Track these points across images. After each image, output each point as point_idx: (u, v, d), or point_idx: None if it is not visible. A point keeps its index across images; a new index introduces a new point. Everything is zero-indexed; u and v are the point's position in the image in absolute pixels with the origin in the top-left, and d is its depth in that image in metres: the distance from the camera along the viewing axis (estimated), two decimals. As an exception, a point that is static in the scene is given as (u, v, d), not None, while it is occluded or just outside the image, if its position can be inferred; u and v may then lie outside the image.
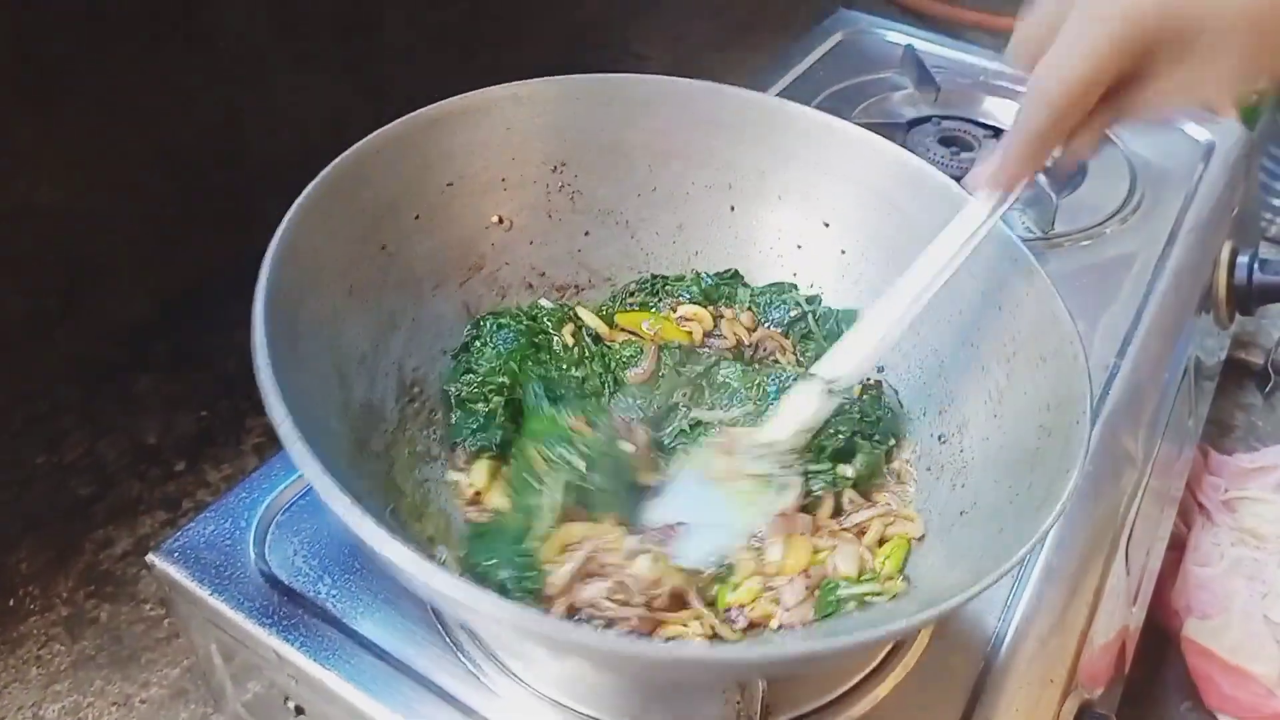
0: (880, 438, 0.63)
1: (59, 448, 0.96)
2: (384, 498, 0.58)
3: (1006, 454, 0.58)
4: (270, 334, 0.49)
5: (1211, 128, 1.09)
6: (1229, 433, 1.19)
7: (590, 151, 0.70)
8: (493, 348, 0.65)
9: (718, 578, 0.58)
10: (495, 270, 0.69)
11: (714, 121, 0.71)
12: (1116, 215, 0.96)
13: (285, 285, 0.52)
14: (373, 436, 0.60)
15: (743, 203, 0.72)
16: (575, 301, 0.71)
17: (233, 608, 0.60)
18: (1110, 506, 0.75)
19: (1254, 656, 0.88)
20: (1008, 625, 0.64)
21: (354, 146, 0.60)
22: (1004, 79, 1.12)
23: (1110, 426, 0.77)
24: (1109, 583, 0.72)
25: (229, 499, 0.66)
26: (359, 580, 0.62)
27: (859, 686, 0.60)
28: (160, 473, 0.96)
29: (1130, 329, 0.85)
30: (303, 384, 0.52)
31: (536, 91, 0.67)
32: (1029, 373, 0.59)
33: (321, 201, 0.57)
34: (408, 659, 0.59)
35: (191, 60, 0.93)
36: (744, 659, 0.47)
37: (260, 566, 0.63)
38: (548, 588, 0.54)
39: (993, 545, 0.52)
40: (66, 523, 0.91)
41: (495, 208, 0.69)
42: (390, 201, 0.63)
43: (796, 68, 1.13)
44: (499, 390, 0.63)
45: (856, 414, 0.63)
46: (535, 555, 0.55)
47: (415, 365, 0.64)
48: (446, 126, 0.65)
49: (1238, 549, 0.96)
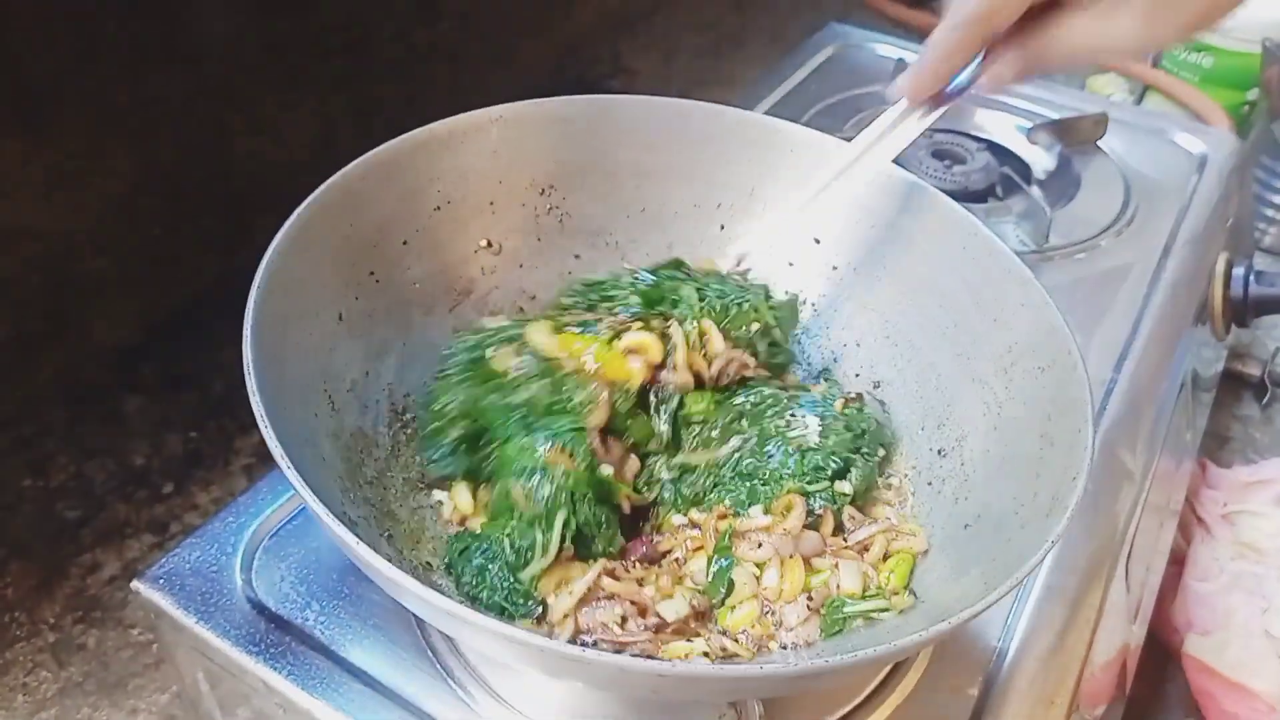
0: (869, 450, 0.63)
1: (46, 471, 0.95)
2: (380, 524, 0.57)
3: (1008, 465, 0.58)
4: (259, 362, 0.48)
5: (1205, 139, 1.09)
6: (1226, 445, 1.19)
7: (578, 173, 0.70)
8: (445, 377, 0.62)
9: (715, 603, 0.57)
10: (485, 294, 0.69)
11: (701, 140, 0.70)
12: (1111, 228, 0.96)
13: (273, 313, 0.52)
14: (365, 462, 0.59)
15: (732, 221, 0.72)
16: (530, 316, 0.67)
17: (219, 635, 0.59)
18: (1110, 522, 0.74)
19: (1255, 673, 0.87)
20: (1008, 645, 0.63)
21: (340, 172, 0.60)
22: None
23: (1108, 440, 0.77)
24: (1109, 600, 0.72)
25: (215, 524, 0.65)
26: (347, 606, 0.61)
27: (859, 709, 0.59)
28: (148, 495, 0.95)
29: (1127, 342, 0.84)
30: (293, 411, 0.52)
31: (523, 113, 0.67)
32: (1028, 383, 0.59)
33: (308, 228, 0.57)
34: (396, 686, 0.58)
35: (179, 79, 0.93)
36: (753, 676, 0.46)
37: (247, 593, 0.62)
38: (551, 613, 0.54)
39: (1001, 556, 0.51)
40: (53, 547, 0.90)
41: (484, 231, 0.68)
42: (378, 227, 0.62)
43: (788, 82, 1.13)
44: (456, 419, 0.61)
45: (845, 430, 0.62)
46: (531, 587, 0.55)
47: (406, 392, 0.64)
48: (433, 150, 0.65)
49: (1237, 564, 0.95)
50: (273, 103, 1.02)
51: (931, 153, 1.00)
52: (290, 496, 0.66)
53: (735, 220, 0.72)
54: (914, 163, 0.98)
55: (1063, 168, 1.01)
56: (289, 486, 0.66)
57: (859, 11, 1.59)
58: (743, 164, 0.71)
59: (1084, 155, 1.04)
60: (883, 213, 0.68)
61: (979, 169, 0.98)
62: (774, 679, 0.45)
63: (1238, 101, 1.35)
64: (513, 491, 0.57)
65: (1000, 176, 0.98)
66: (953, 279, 0.65)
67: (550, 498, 0.56)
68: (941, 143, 1.02)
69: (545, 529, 0.55)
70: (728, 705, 0.56)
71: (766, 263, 0.72)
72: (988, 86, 0.57)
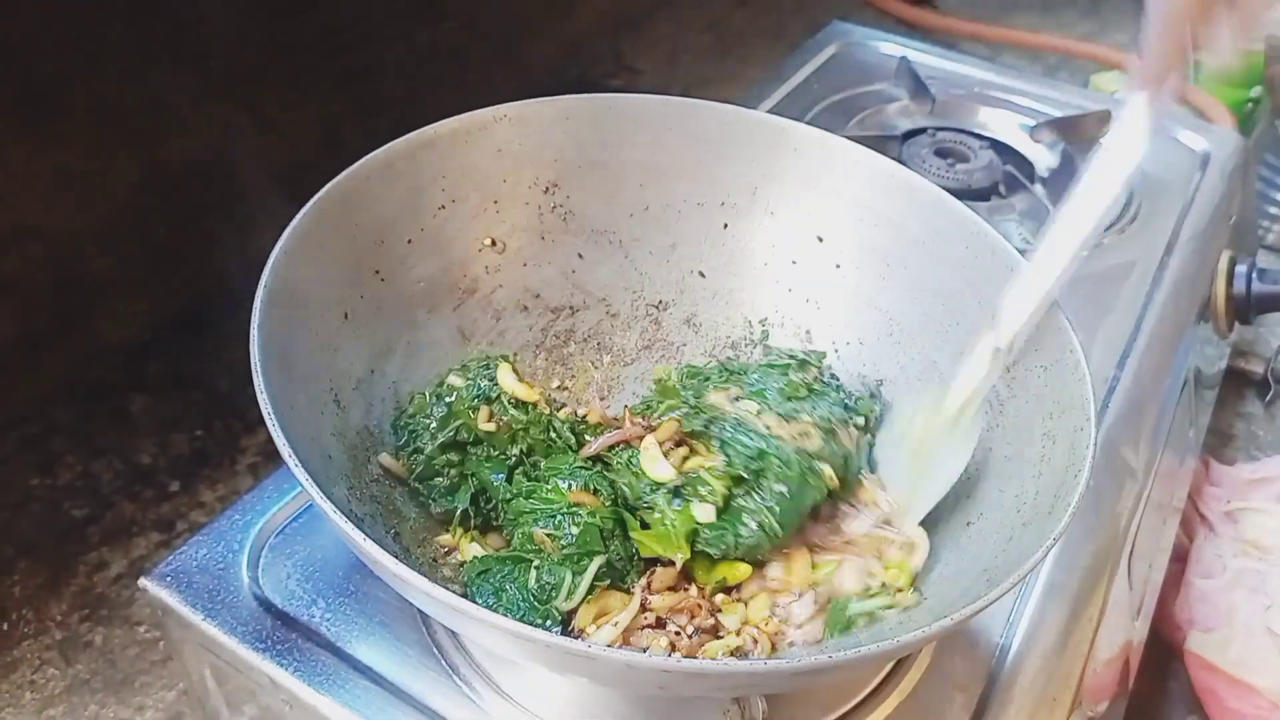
0: (841, 418, 0.62)
1: (53, 470, 0.95)
2: (385, 521, 0.57)
3: (1011, 464, 0.58)
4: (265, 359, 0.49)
5: (1208, 136, 1.09)
6: (1229, 443, 1.19)
7: (581, 171, 0.70)
8: (429, 432, 0.61)
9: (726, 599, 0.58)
10: (489, 293, 0.69)
11: (704, 138, 0.70)
12: (1114, 225, 0.95)
13: (279, 311, 0.52)
14: (371, 460, 0.60)
15: (736, 220, 0.72)
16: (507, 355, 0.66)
17: (226, 632, 0.60)
18: (1112, 519, 0.74)
19: (1257, 670, 0.87)
20: (1011, 642, 0.64)
21: (345, 172, 0.60)
22: (998, 89, 1.12)
23: (1111, 438, 0.77)
24: (1112, 597, 0.72)
25: (222, 521, 0.66)
26: (353, 603, 0.62)
27: (862, 705, 0.59)
28: (154, 494, 0.95)
29: (1129, 339, 0.84)
30: (299, 408, 0.52)
31: (526, 112, 0.67)
32: (1030, 381, 0.59)
33: (314, 228, 0.57)
34: (403, 683, 0.58)
35: (184, 80, 0.93)
36: (757, 671, 0.46)
37: (254, 590, 0.62)
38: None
39: (1004, 553, 0.52)
40: (60, 545, 0.91)
41: (488, 230, 0.69)
42: (383, 226, 0.63)
43: (791, 80, 1.13)
44: (450, 465, 0.61)
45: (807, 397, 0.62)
46: (559, 613, 0.55)
47: (411, 390, 0.64)
48: (437, 150, 0.65)
49: (1240, 561, 0.95)
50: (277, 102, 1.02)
51: (935, 151, 1.00)
52: (296, 494, 0.67)
53: (739, 219, 0.72)
54: (917, 161, 0.98)
55: (1066, 166, 1.01)
56: (295, 485, 0.67)
57: (862, 10, 1.59)
58: (746, 163, 0.71)
59: (1087, 153, 1.04)
60: (886, 211, 0.68)
61: (982, 167, 0.98)
62: (778, 674, 0.45)
63: (1241, 99, 1.35)
64: (535, 536, 0.56)
65: (1003, 174, 0.98)
66: (955, 277, 0.65)
67: (580, 538, 0.55)
68: (944, 141, 1.02)
69: (576, 570, 0.55)
70: (731, 702, 0.56)
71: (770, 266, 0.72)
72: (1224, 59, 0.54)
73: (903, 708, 0.59)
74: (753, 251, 0.73)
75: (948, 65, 1.17)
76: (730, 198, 0.72)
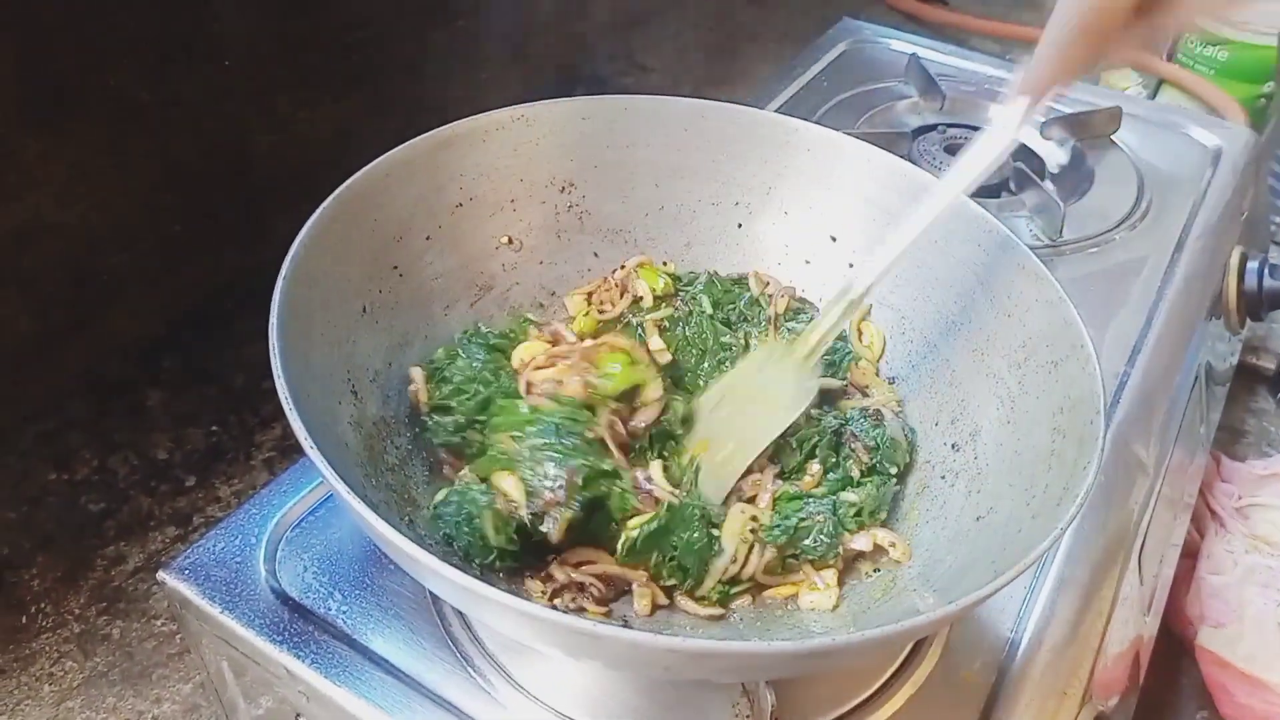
0: (883, 466, 0.63)
1: (70, 464, 0.96)
2: (400, 510, 0.58)
3: (1021, 458, 0.58)
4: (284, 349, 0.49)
5: (1219, 132, 1.09)
6: (1241, 438, 1.19)
7: (597, 171, 0.70)
8: (465, 360, 0.64)
9: None
10: (506, 290, 0.70)
11: (719, 139, 0.71)
12: (1125, 222, 0.96)
13: (298, 303, 0.53)
14: (388, 450, 0.60)
15: (750, 219, 0.73)
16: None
17: (243, 624, 0.60)
18: (1123, 515, 0.75)
19: (1268, 665, 0.87)
20: (1021, 636, 0.64)
21: (364, 169, 0.61)
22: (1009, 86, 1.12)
23: (1122, 434, 0.77)
24: (1122, 592, 0.72)
25: (239, 515, 0.66)
26: (369, 596, 0.62)
27: (872, 699, 0.59)
28: (171, 488, 0.96)
29: (1140, 336, 0.85)
30: (317, 397, 0.53)
31: (543, 112, 0.68)
32: (1041, 377, 0.59)
33: (333, 224, 0.58)
34: (418, 675, 0.59)
35: (198, 78, 0.94)
36: (762, 653, 0.46)
37: (270, 583, 0.63)
38: None
39: (1012, 546, 0.52)
40: (78, 539, 0.91)
41: (505, 228, 0.69)
42: (401, 223, 0.63)
43: (801, 78, 1.13)
44: (470, 398, 0.62)
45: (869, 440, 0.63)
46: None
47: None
48: (455, 148, 0.65)
49: (1251, 556, 0.95)
50: (290, 101, 1.03)
51: (945, 147, 1.00)
52: (312, 489, 0.67)
53: (753, 219, 0.73)
54: (927, 158, 0.98)
55: (1076, 162, 1.01)
56: (311, 479, 0.67)
57: (872, 7, 1.59)
58: (760, 163, 0.71)
59: (1098, 149, 1.04)
60: (897, 209, 0.68)
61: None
62: (783, 655, 0.45)
63: (1253, 95, 1.35)
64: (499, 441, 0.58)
65: (1014, 171, 0.98)
66: (967, 274, 0.65)
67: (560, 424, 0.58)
68: (954, 137, 1.02)
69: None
70: (740, 695, 0.56)
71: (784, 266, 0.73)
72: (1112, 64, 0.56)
73: (913, 701, 0.60)
74: (767, 251, 0.73)
75: (958, 62, 1.17)
76: (744, 198, 0.73)
